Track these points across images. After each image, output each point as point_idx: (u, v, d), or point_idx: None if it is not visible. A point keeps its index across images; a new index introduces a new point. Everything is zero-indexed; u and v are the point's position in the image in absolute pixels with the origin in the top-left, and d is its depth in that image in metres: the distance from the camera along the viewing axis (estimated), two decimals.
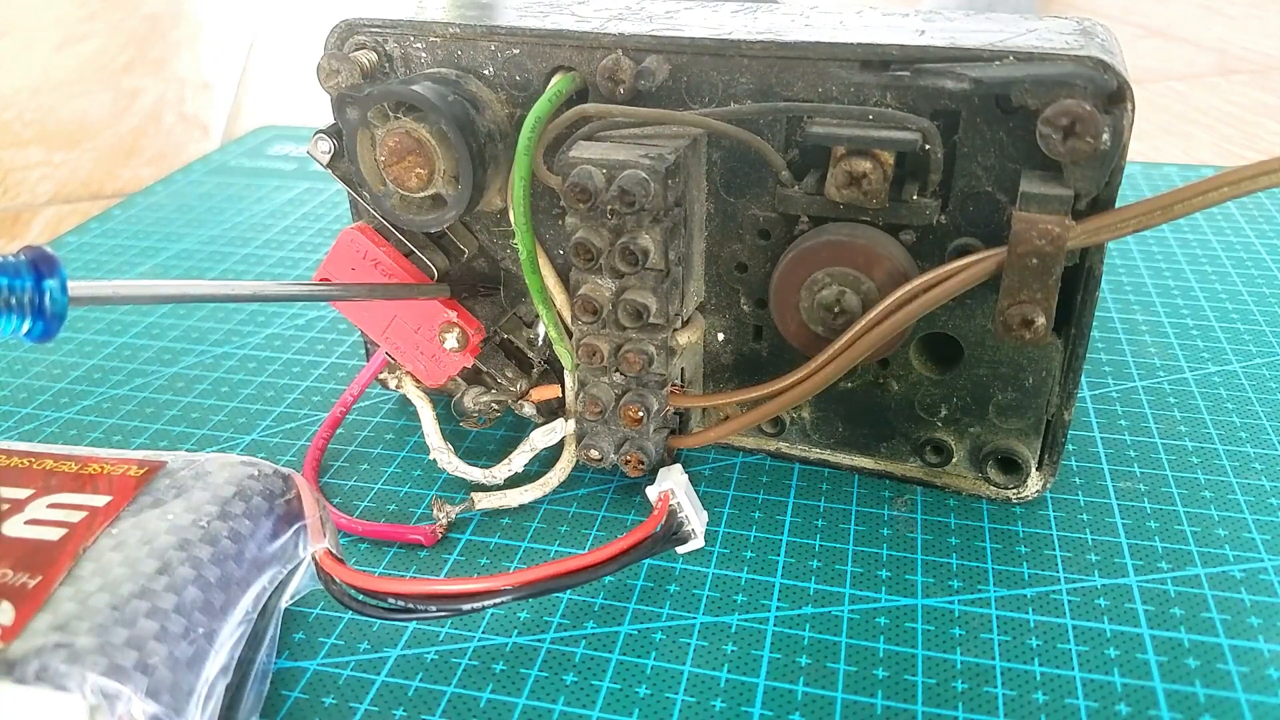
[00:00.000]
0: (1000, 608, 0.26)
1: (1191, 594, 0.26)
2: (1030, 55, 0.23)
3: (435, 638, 0.25)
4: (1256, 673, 0.23)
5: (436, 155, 0.26)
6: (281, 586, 0.23)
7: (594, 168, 0.25)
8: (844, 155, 0.25)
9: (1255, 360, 0.37)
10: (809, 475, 0.31)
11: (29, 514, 0.22)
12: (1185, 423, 0.33)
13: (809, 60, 0.26)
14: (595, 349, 0.27)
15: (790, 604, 0.26)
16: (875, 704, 0.23)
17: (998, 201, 0.26)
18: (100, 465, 0.24)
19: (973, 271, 0.24)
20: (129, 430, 0.34)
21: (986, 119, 0.25)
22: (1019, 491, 0.29)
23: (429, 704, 0.23)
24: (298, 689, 0.24)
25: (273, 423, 0.34)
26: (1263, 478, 0.30)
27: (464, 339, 0.28)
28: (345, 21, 0.28)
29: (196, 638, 0.20)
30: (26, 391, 0.36)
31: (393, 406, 0.35)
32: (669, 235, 0.25)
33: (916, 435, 0.30)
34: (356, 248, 0.28)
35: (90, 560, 0.20)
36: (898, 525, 0.29)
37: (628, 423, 0.28)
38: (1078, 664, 0.24)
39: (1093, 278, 0.25)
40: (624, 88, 0.26)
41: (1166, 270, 0.44)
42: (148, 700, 0.18)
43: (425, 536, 0.28)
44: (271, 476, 0.24)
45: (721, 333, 0.30)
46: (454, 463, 0.30)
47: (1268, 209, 0.51)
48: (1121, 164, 0.23)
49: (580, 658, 0.25)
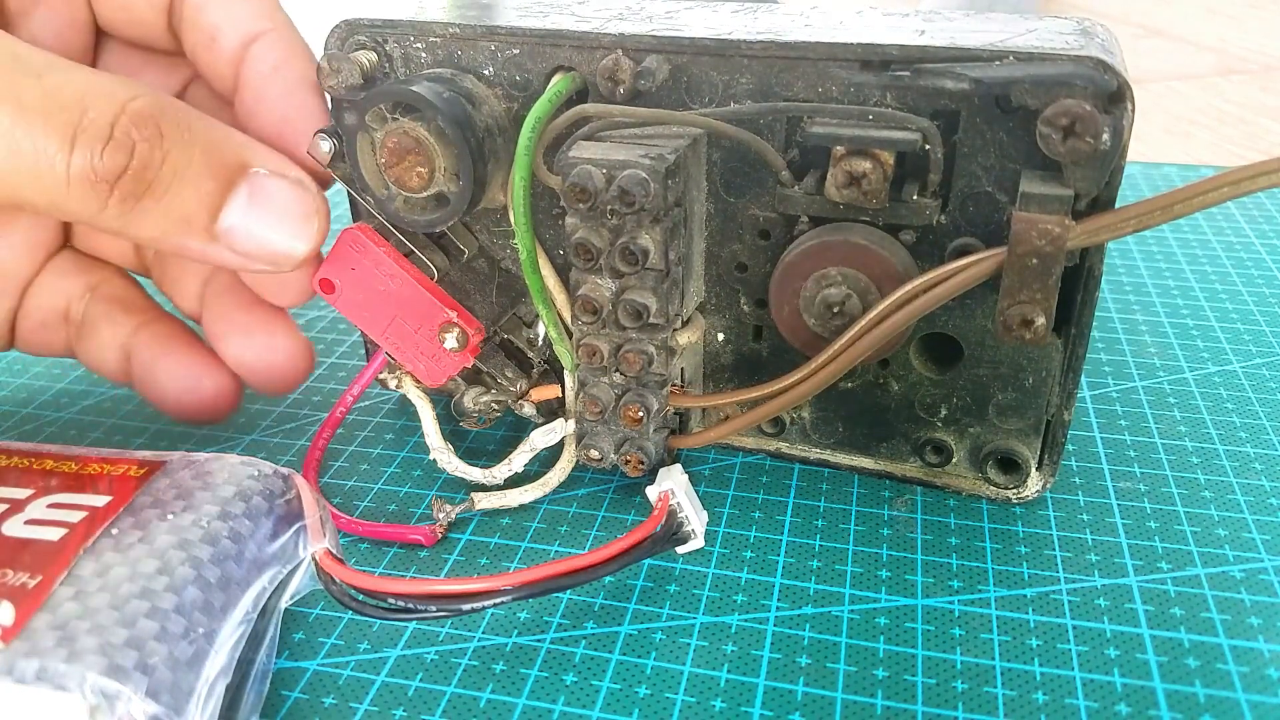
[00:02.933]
0: (1000, 608, 0.26)
1: (1191, 594, 0.26)
2: (1030, 55, 0.23)
3: (435, 638, 0.25)
4: (1256, 673, 0.23)
5: (436, 153, 0.26)
6: (281, 586, 0.23)
7: (594, 168, 0.25)
8: (844, 155, 0.25)
9: (1255, 360, 0.37)
10: (809, 475, 0.31)
11: (29, 514, 0.22)
12: (1185, 423, 0.33)
13: (809, 60, 0.26)
14: (595, 349, 0.27)
15: (790, 604, 0.26)
16: (875, 704, 0.23)
17: (998, 201, 0.26)
18: (100, 465, 0.24)
19: (973, 271, 0.24)
20: (129, 430, 0.34)
21: (986, 119, 0.25)
22: (1019, 491, 0.29)
23: (429, 704, 0.23)
24: (298, 689, 0.24)
25: (273, 423, 0.34)
26: (1263, 478, 0.30)
27: (464, 339, 0.28)
28: (345, 21, 0.28)
29: (196, 638, 0.20)
30: (26, 391, 0.36)
31: (393, 406, 0.35)
32: (669, 235, 0.25)
33: (916, 435, 0.30)
34: (357, 248, 0.28)
35: (90, 560, 0.20)
36: (898, 525, 0.29)
37: (628, 423, 0.28)
38: (1078, 664, 0.24)
39: (1093, 278, 0.25)
40: (624, 88, 0.26)
41: (1166, 270, 0.44)
42: (148, 700, 0.18)
43: (425, 536, 0.28)
44: (271, 476, 0.24)
45: (721, 333, 0.30)
46: (454, 463, 0.30)
47: (1268, 209, 0.51)
48: (1121, 164, 0.23)
49: (580, 658, 0.25)
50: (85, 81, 0.23)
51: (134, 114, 0.23)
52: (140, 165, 0.23)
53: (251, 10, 0.28)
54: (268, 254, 0.26)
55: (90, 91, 0.23)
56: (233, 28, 0.28)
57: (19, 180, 0.23)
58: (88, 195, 0.23)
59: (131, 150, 0.23)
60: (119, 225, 0.24)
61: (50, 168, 0.22)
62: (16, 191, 0.23)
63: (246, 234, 0.25)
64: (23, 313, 0.31)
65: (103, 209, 0.23)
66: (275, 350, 0.30)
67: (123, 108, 0.23)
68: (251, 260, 0.26)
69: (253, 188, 0.25)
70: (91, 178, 0.23)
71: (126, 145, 0.23)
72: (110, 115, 0.23)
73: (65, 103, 0.22)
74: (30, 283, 0.31)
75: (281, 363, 0.30)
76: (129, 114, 0.23)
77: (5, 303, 0.31)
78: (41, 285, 0.31)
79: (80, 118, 0.22)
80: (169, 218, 0.24)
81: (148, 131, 0.23)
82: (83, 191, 0.23)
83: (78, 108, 0.22)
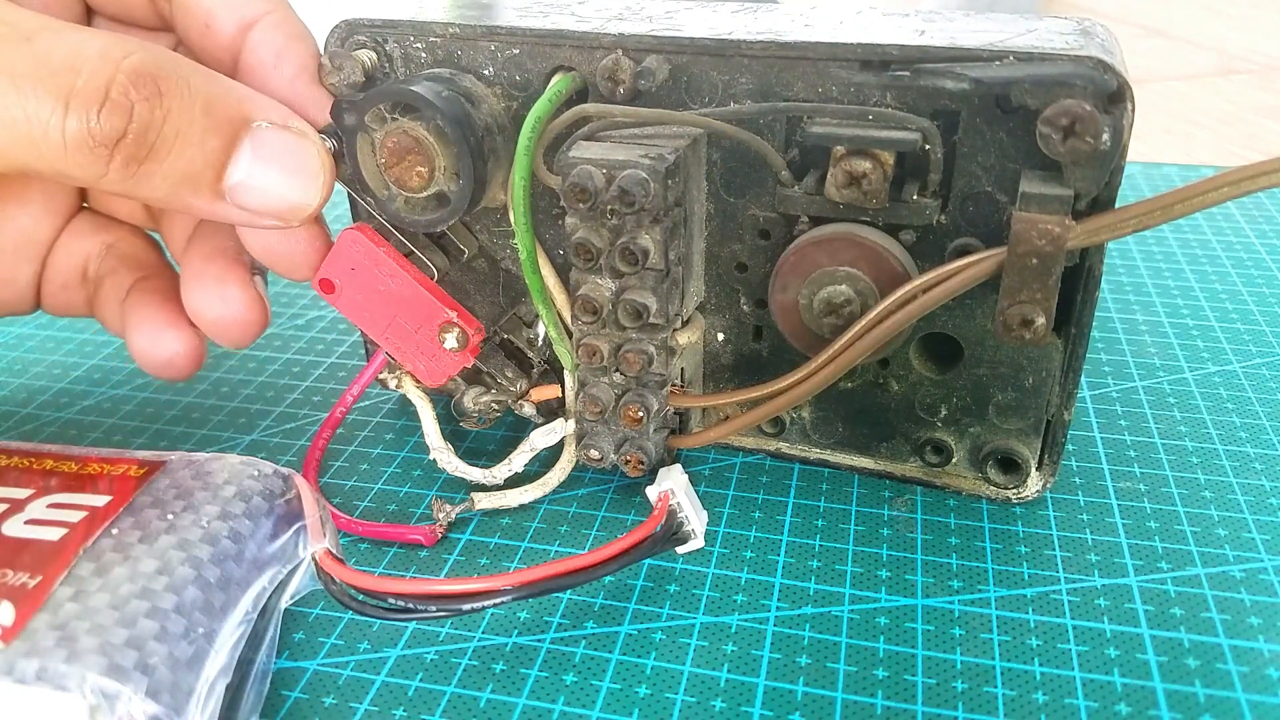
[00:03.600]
0: (1000, 608, 0.26)
1: (1191, 594, 0.26)
2: (1030, 55, 0.23)
3: (435, 638, 0.25)
4: (1256, 673, 0.23)
5: (436, 152, 0.26)
6: (281, 586, 0.23)
7: (594, 168, 0.25)
8: (844, 155, 0.25)
9: (1255, 360, 0.37)
10: (809, 475, 0.31)
11: (29, 514, 0.22)
12: (1185, 423, 0.33)
13: (809, 60, 0.26)
14: (595, 349, 0.27)
15: (790, 604, 0.26)
16: (875, 704, 0.23)
17: (998, 201, 0.26)
18: (100, 465, 0.24)
19: (973, 271, 0.24)
20: (129, 430, 0.34)
21: (986, 119, 0.25)
22: (1019, 491, 0.29)
23: (429, 704, 0.23)
24: (298, 689, 0.24)
25: (273, 423, 0.34)
26: (1263, 478, 0.30)
27: (464, 339, 0.28)
28: (345, 21, 0.28)
29: (196, 638, 0.20)
30: (26, 391, 0.36)
31: (393, 406, 0.35)
32: (669, 235, 0.25)
33: (916, 435, 0.30)
34: (357, 248, 0.28)
35: (90, 560, 0.20)
36: (898, 525, 0.29)
37: (628, 423, 0.28)
38: (1078, 664, 0.24)
39: (1093, 278, 0.25)
40: (624, 88, 0.26)
41: (1166, 270, 0.44)
42: (148, 700, 0.18)
43: (425, 536, 0.28)
44: (271, 476, 0.24)
45: (721, 333, 0.30)
46: (454, 463, 0.30)
47: (1268, 209, 0.51)
48: (1121, 164, 0.23)
49: (580, 658, 0.25)
50: (78, 41, 0.22)
51: (130, 72, 0.22)
52: (141, 127, 0.22)
53: None
54: (275, 209, 0.25)
55: (83, 52, 0.22)
56: (228, 12, 0.27)
57: (17, 148, 0.22)
58: (88, 160, 0.22)
59: (130, 112, 0.22)
60: (123, 188, 0.23)
61: (45, 134, 0.22)
62: (18, 159, 0.22)
63: (253, 189, 0.25)
64: (45, 276, 0.31)
65: (105, 173, 0.23)
66: (228, 302, 0.29)
67: (117, 67, 0.22)
68: (260, 216, 0.25)
69: (256, 142, 0.25)
70: (89, 142, 0.22)
71: (124, 106, 0.22)
72: (105, 76, 0.22)
73: (57, 66, 0.22)
74: (51, 247, 0.31)
75: (233, 315, 0.29)
76: (125, 72, 0.22)
77: (29, 268, 0.31)
78: (61, 247, 0.31)
79: (73, 80, 0.22)
80: (173, 178, 0.24)
81: (146, 90, 0.22)
82: (82, 156, 0.22)
83: (70, 70, 0.22)
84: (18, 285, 0.31)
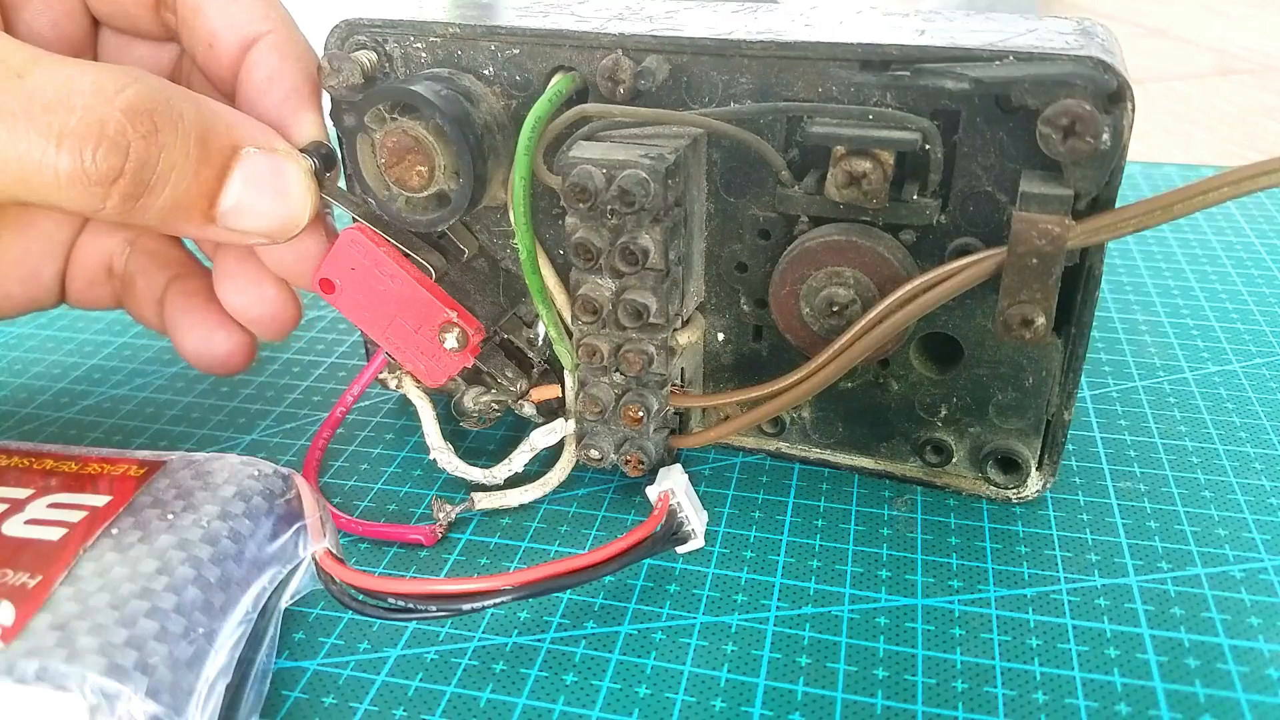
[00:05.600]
0: (1000, 608, 0.26)
1: (1191, 594, 0.26)
2: (1030, 55, 0.23)
3: (435, 638, 0.25)
4: (1256, 673, 0.23)
5: (435, 151, 0.26)
6: (281, 586, 0.23)
7: (594, 168, 0.25)
8: (844, 155, 0.25)
9: (1255, 360, 0.37)
10: (809, 475, 0.31)
11: (29, 514, 0.22)
12: (1185, 423, 0.33)
13: (809, 60, 0.26)
14: (595, 349, 0.27)
15: (790, 604, 0.26)
16: (875, 704, 0.23)
17: (998, 201, 0.26)
18: (100, 465, 0.24)
19: (973, 271, 0.24)
20: (129, 430, 0.34)
21: (986, 119, 0.25)
22: (1019, 491, 0.29)
23: (429, 704, 0.23)
24: (298, 689, 0.24)
25: (273, 423, 0.34)
26: (1263, 478, 0.30)
27: (464, 339, 0.28)
28: (345, 21, 0.28)
29: (196, 638, 0.20)
30: (26, 391, 0.36)
31: (393, 406, 0.35)
32: (669, 235, 0.25)
33: (916, 435, 0.30)
34: (356, 248, 0.28)
35: (90, 560, 0.20)
36: (898, 525, 0.29)
37: (628, 423, 0.28)
38: (1078, 664, 0.24)
39: (1093, 278, 0.25)
40: (624, 88, 0.26)
41: (1166, 270, 0.44)
42: (148, 700, 0.18)
43: (425, 536, 0.28)
44: (271, 476, 0.24)
45: (721, 333, 0.30)
46: (454, 463, 0.30)
47: (1268, 209, 0.51)
48: (1121, 164, 0.23)
49: (580, 658, 0.25)
50: (70, 76, 0.22)
51: (126, 108, 0.23)
52: (137, 164, 0.23)
53: (249, 12, 0.28)
54: (263, 229, 0.26)
55: (75, 88, 0.22)
56: (230, 32, 0.28)
57: (13, 185, 0.22)
58: (83, 195, 0.23)
59: (127, 150, 0.23)
60: (119, 220, 0.24)
61: (38, 172, 0.22)
62: (13, 194, 0.23)
63: (243, 212, 0.26)
64: (70, 274, 0.32)
65: (102, 207, 0.23)
66: (266, 301, 0.30)
67: (111, 103, 0.22)
68: (247, 236, 0.26)
69: (245, 169, 0.25)
70: (85, 180, 0.22)
71: (121, 145, 0.23)
72: (99, 113, 0.22)
73: (49, 102, 0.22)
74: (73, 244, 0.32)
75: (272, 313, 0.31)
76: (121, 109, 0.23)
77: (53, 265, 0.32)
78: (83, 245, 0.32)
79: (67, 118, 0.22)
80: (168, 208, 0.24)
81: (143, 127, 0.23)
82: (77, 192, 0.23)
83: (63, 107, 0.22)
84: (43, 282, 0.32)
